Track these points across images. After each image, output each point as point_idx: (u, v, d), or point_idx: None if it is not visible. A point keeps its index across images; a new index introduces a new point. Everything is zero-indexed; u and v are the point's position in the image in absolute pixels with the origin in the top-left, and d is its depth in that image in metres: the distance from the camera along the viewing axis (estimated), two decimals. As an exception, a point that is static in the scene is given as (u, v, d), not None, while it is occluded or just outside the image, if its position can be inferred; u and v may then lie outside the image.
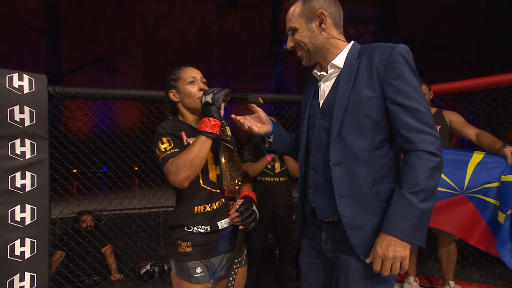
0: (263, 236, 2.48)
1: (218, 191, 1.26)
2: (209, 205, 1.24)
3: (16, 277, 1.78)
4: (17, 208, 1.79)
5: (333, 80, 1.06)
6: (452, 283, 2.29)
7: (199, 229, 1.21)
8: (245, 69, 15.28)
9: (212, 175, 1.26)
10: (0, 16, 11.79)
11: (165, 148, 1.17)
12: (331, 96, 1.04)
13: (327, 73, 1.07)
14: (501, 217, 1.56)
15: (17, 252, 1.78)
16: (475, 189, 1.69)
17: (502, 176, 1.60)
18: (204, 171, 1.23)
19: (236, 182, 1.30)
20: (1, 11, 11.81)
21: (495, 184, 1.63)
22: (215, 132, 1.14)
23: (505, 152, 1.66)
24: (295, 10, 1.05)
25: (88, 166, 2.36)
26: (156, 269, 2.96)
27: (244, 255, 1.31)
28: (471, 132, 2.09)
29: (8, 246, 1.76)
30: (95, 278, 2.74)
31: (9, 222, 1.76)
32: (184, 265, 1.20)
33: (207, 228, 1.21)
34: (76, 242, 2.72)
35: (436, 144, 0.89)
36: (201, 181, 1.23)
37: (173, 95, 1.31)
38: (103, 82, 13.46)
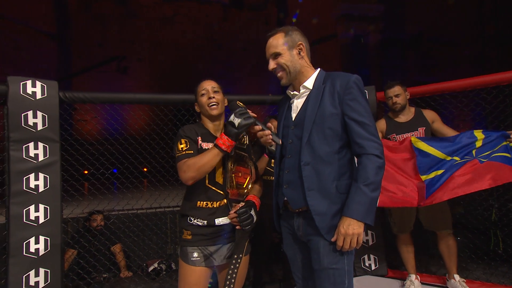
0: (268, 234, 2.54)
1: (222, 192, 1.43)
2: (211, 202, 1.42)
3: (32, 273, 1.88)
4: (32, 208, 1.90)
5: (304, 98, 1.33)
6: (457, 276, 2.29)
7: (197, 222, 1.41)
8: (250, 69, 15.36)
9: (219, 178, 1.43)
10: (12, 23, 12.16)
11: (181, 148, 1.38)
12: (302, 111, 1.31)
13: (299, 92, 1.35)
14: None
15: (32, 249, 1.89)
16: (484, 154, 2.01)
17: None
18: (211, 173, 1.40)
19: (244, 186, 1.45)
20: (13, 18, 12.18)
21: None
22: (228, 151, 1.34)
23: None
24: (278, 39, 1.31)
25: (98, 168, 2.47)
26: (164, 267, 3.05)
27: (244, 248, 1.45)
28: (449, 133, 2.28)
29: (24, 243, 1.86)
30: (105, 275, 2.85)
31: (24, 220, 1.87)
32: (185, 249, 1.42)
33: (204, 222, 1.40)
34: (87, 241, 2.84)
35: (380, 149, 1.19)
36: (206, 181, 1.42)
37: (196, 107, 1.55)
38: (113, 82, 13.72)
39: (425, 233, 2.68)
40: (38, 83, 1.96)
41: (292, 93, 1.37)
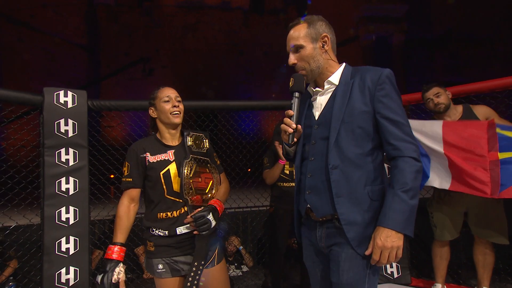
0: (284, 240, 2.55)
1: (181, 200, 1.40)
2: (171, 212, 1.40)
3: (63, 270, 2.00)
4: (63, 210, 2.02)
5: (329, 95, 1.20)
6: None
7: (159, 233, 1.39)
8: (271, 73, 15.42)
9: (176, 186, 1.41)
10: (49, 36, 13.06)
11: (124, 172, 1.44)
12: (327, 109, 1.18)
13: (323, 89, 1.21)
14: None
15: (63, 248, 2.01)
16: None
17: None
18: (168, 184, 1.40)
19: (206, 191, 1.44)
20: (48, 31, 13.08)
21: None
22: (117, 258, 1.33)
23: None
24: (300, 30, 1.18)
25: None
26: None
27: (214, 256, 1.44)
28: None
29: (56, 242, 1.99)
30: (129, 276, 2.96)
31: (56, 221, 2.00)
32: (150, 261, 1.40)
33: (165, 233, 1.38)
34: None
35: (417, 151, 1.07)
36: (165, 192, 1.41)
37: (152, 112, 1.51)
38: (139, 89, 14.27)
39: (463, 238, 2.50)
40: (70, 93, 2.10)
41: (314, 89, 1.24)
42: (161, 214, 1.39)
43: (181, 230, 1.37)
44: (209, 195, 1.45)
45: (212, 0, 15.30)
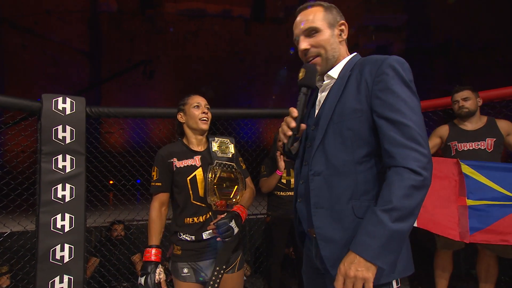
0: (282, 249, 2.52)
1: (206, 205, 1.43)
2: (197, 217, 1.43)
3: (57, 279, 1.97)
4: (58, 217, 2.01)
5: (328, 91, 1.04)
6: None
7: (186, 237, 1.42)
8: (272, 81, 15.50)
9: (202, 192, 1.43)
10: (52, 42, 13.21)
11: (153, 177, 1.47)
12: (322, 107, 1.02)
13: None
14: None
15: (57, 256, 1.98)
16: None
17: None
18: (195, 189, 1.42)
19: (231, 196, 1.45)
20: (53, 38, 13.23)
21: None
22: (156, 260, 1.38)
23: None
24: (316, 13, 1.01)
25: (123, 178, 2.58)
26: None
27: (236, 262, 1.45)
28: None
29: (51, 250, 1.97)
30: (125, 284, 2.92)
31: (51, 228, 1.98)
32: (175, 265, 1.43)
33: (192, 237, 1.41)
34: (108, 250, 2.94)
35: (420, 161, 0.82)
36: (191, 198, 1.43)
37: (180, 117, 1.54)
38: (140, 95, 14.34)
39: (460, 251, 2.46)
40: (68, 100, 2.11)
41: (319, 84, 1.08)
42: (188, 219, 1.42)
43: (207, 235, 1.40)
44: (234, 200, 1.46)
45: (214, 8, 15.49)
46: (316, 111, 1.06)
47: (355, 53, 1.06)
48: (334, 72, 1.02)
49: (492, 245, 2.01)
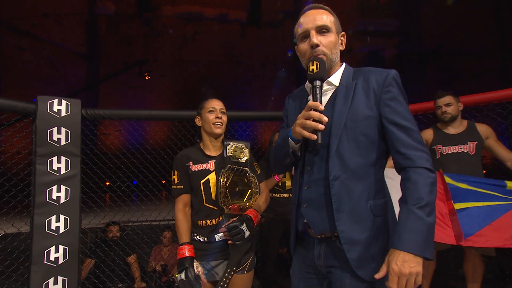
0: (276, 249, 2.52)
1: (217, 208, 1.46)
2: (210, 220, 1.46)
3: (51, 280, 1.95)
4: (53, 218, 1.99)
5: (328, 96, 1.06)
6: None
7: (199, 238, 1.47)
8: (268, 84, 15.54)
9: (214, 195, 1.46)
10: (50, 45, 13.11)
11: (173, 180, 1.51)
12: (326, 113, 1.00)
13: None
14: None
15: (52, 258, 1.96)
16: None
17: None
18: (207, 192, 1.45)
19: (244, 201, 1.47)
20: (51, 40, 13.13)
21: None
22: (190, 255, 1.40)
23: None
24: (329, 14, 1.05)
25: (120, 179, 2.56)
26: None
27: (246, 264, 1.47)
28: (505, 154, 2.09)
29: (45, 251, 1.94)
30: (120, 285, 2.89)
31: (46, 230, 1.96)
32: None
33: (205, 239, 1.45)
34: (103, 251, 2.91)
35: (430, 161, 0.94)
36: (204, 201, 1.46)
37: (198, 121, 1.59)
38: (137, 98, 14.27)
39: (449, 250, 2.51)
40: (64, 102, 2.09)
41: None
42: (201, 221, 1.46)
43: (219, 237, 1.44)
44: (247, 204, 1.48)
45: (211, 12, 15.51)
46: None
47: (345, 63, 1.12)
48: (335, 79, 1.06)
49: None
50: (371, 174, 0.99)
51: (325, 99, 1.06)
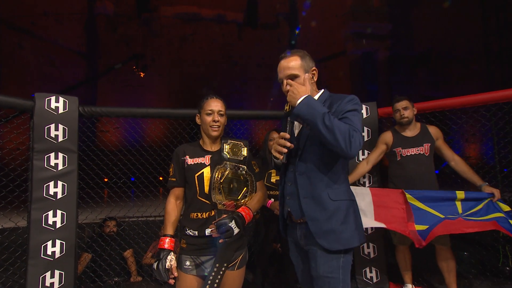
0: (270, 244, 2.53)
1: (210, 202, 1.45)
2: (201, 213, 1.46)
3: (48, 274, 1.95)
4: (50, 213, 1.98)
5: None
6: None
7: (190, 233, 1.46)
8: (263, 84, 15.53)
9: (207, 189, 1.46)
10: (50, 43, 12.94)
11: (169, 173, 1.53)
12: (302, 128, 1.34)
13: None
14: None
15: (49, 252, 1.96)
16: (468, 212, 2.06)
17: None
18: (201, 185, 1.46)
19: (239, 198, 1.45)
20: (51, 39, 12.97)
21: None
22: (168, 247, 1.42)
23: (488, 190, 2.06)
24: (295, 61, 1.31)
25: (118, 176, 2.55)
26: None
27: (237, 261, 1.46)
28: (449, 155, 2.27)
29: (42, 246, 1.94)
30: (116, 279, 2.89)
31: (43, 225, 1.95)
32: (180, 257, 1.48)
33: (195, 233, 1.45)
34: (100, 246, 2.90)
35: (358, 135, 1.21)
36: (197, 193, 1.46)
37: (197, 119, 1.60)
38: (136, 96, 14.17)
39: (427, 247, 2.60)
40: (61, 99, 2.08)
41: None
42: (193, 214, 1.47)
43: (209, 231, 1.43)
44: (242, 201, 1.47)
45: (208, 13, 15.43)
46: (297, 131, 1.38)
47: (323, 90, 1.39)
48: None
49: (437, 239, 2.17)
50: (328, 169, 1.28)
51: None
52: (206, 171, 1.47)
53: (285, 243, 2.53)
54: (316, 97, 1.35)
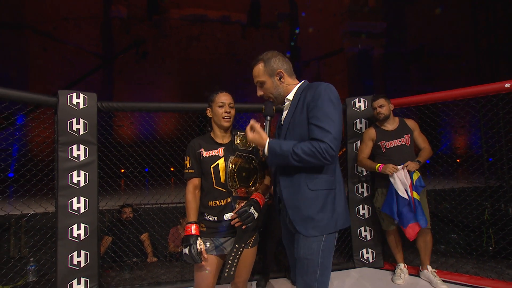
0: (279, 229, 2.54)
1: (226, 191, 1.46)
2: (219, 201, 1.46)
3: (75, 254, 2.01)
4: (74, 200, 2.03)
5: (288, 107, 1.34)
6: (429, 267, 2.28)
7: (209, 218, 1.47)
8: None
9: (223, 179, 1.47)
10: (69, 46, 13.00)
11: (186, 165, 1.52)
12: (284, 120, 1.33)
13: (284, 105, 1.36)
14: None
15: (75, 234, 2.02)
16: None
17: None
18: (217, 176, 1.46)
19: (250, 185, 1.48)
20: (70, 42, 13.00)
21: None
22: (195, 233, 1.42)
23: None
24: (259, 68, 1.31)
25: (133, 167, 2.59)
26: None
27: (251, 240, 1.50)
28: (421, 143, 2.36)
29: (68, 229, 2.00)
30: (134, 259, 2.95)
31: (69, 210, 2.00)
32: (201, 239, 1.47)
33: (215, 218, 1.46)
34: (120, 230, 2.96)
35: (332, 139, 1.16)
36: (214, 183, 1.47)
37: (209, 113, 1.57)
38: (147, 94, 14.17)
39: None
40: (81, 95, 2.10)
41: (282, 106, 1.40)
42: (211, 202, 1.46)
43: (227, 216, 1.44)
44: (253, 188, 1.49)
45: (214, 14, 15.25)
46: (282, 123, 1.37)
47: (303, 81, 1.34)
48: (290, 96, 1.32)
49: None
50: None
51: (286, 111, 1.33)
52: (221, 162, 1.47)
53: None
54: (293, 91, 1.31)
